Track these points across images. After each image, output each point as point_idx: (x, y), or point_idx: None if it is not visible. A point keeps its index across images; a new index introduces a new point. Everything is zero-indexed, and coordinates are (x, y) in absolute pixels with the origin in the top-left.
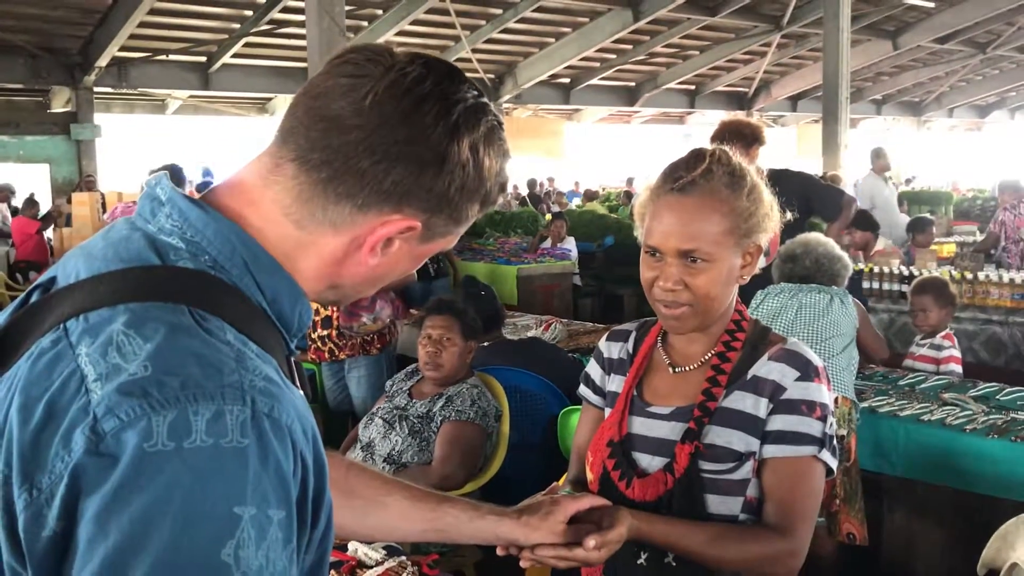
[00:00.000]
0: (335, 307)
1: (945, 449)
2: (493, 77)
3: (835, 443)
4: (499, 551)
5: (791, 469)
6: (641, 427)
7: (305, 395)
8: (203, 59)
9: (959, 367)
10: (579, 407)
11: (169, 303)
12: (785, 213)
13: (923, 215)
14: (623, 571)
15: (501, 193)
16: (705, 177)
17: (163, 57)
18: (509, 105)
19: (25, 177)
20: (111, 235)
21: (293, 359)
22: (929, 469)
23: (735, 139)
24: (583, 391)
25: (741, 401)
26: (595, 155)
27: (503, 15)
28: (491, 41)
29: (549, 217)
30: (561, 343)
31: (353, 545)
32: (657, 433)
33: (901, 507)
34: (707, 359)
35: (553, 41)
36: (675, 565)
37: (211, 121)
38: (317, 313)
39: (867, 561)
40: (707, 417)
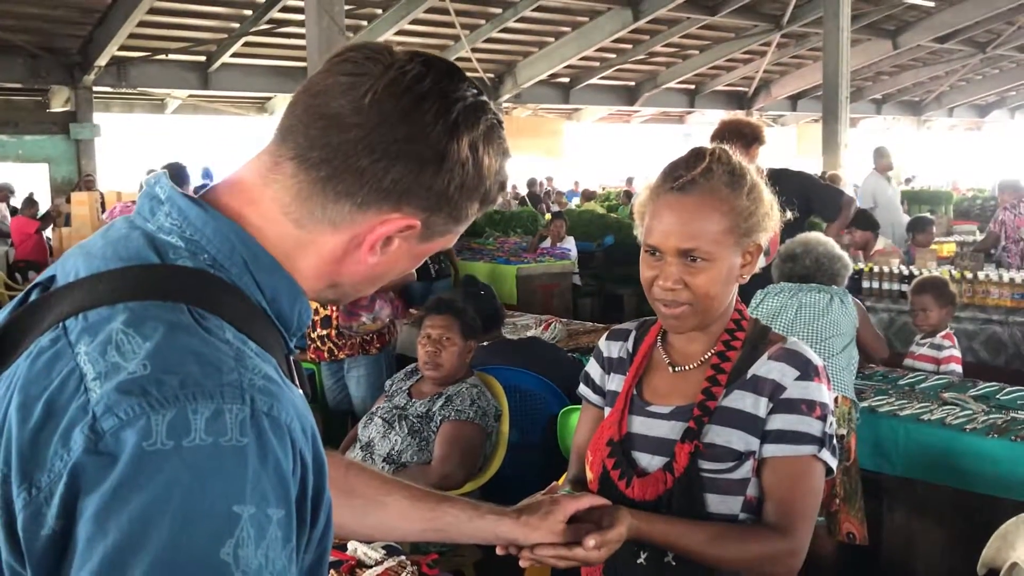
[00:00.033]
0: (334, 307)
1: (945, 449)
2: (493, 76)
3: (835, 442)
4: (499, 551)
5: (791, 468)
6: (641, 426)
7: (304, 394)
8: (202, 58)
9: (959, 367)
10: (579, 407)
11: (168, 302)
12: (785, 212)
13: (923, 215)
14: (623, 571)
15: (500, 192)
16: (705, 176)
17: (162, 56)
18: (509, 104)
19: (24, 177)
20: (110, 234)
21: (292, 358)
22: (929, 469)
23: (735, 138)
24: (583, 390)
25: (741, 400)
26: (595, 155)
27: (503, 14)
28: (491, 40)
29: (549, 217)
30: (561, 343)
31: (352, 544)
32: (657, 432)
33: (901, 507)
34: (707, 358)
35: (553, 40)
36: (675, 564)
37: (210, 121)
38: (316, 312)
39: (867, 561)
40: (707, 416)
